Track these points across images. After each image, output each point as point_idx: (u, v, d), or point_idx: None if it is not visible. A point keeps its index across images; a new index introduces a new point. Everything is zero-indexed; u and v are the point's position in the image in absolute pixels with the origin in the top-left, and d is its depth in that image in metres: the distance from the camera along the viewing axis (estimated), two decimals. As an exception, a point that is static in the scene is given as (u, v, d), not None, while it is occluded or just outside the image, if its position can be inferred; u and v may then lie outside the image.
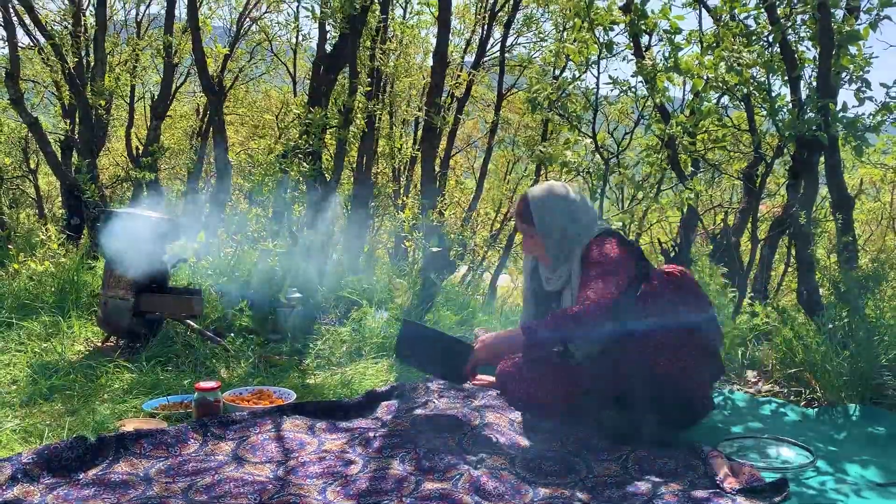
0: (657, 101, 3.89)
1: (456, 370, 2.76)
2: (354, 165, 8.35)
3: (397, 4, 10.08)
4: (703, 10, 5.76)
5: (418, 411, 2.84)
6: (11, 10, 7.26)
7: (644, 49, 4.38)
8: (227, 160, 6.34)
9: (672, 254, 5.30)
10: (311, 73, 8.04)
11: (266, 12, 10.33)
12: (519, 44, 11.40)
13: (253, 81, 11.98)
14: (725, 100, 4.76)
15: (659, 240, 5.52)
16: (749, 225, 5.34)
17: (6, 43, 7.71)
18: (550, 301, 2.86)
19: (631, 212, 4.61)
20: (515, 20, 9.99)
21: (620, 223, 4.32)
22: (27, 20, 7.91)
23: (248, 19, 10.03)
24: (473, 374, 2.81)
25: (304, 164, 5.46)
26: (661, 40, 3.87)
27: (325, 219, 5.61)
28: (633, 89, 4.39)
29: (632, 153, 4.56)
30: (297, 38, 9.81)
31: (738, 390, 3.60)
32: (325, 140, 6.07)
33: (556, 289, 2.81)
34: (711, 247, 6.05)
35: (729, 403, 3.38)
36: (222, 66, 8.30)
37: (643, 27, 3.77)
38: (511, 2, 8.84)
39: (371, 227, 9.62)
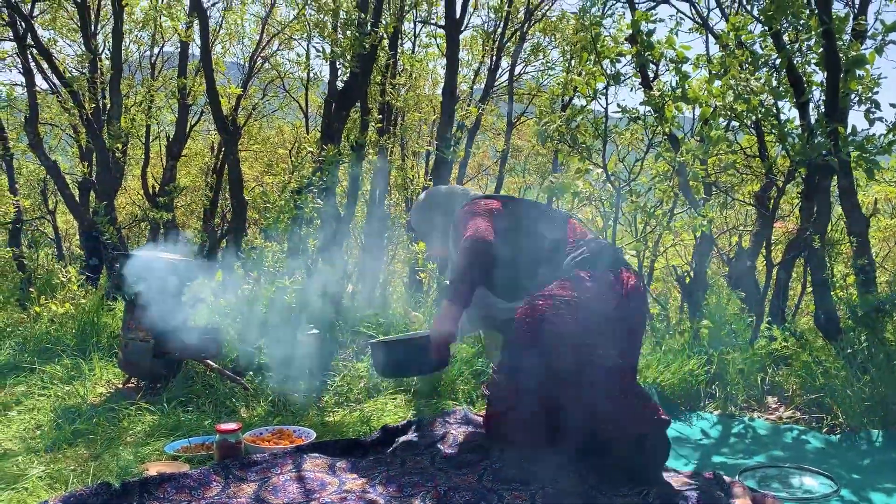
0: (666, 129, 3.92)
1: (429, 363, 2.83)
2: (368, 198, 8.43)
3: (406, 38, 10.23)
4: (710, 35, 5.83)
5: (438, 446, 2.84)
6: (30, 58, 7.45)
7: (652, 78, 4.42)
8: (243, 198, 6.42)
9: (687, 280, 5.31)
10: (322, 108, 8.16)
11: (278, 50, 10.50)
12: (527, 73, 11.51)
13: (266, 118, 12.14)
14: (735, 125, 4.80)
15: (675, 266, 5.52)
16: (763, 249, 5.34)
17: (25, 89, 7.91)
18: None
19: (644, 239, 4.61)
20: (523, 50, 10.09)
21: (635, 252, 4.33)
22: (45, 65, 8.10)
23: (260, 57, 10.19)
24: (444, 354, 2.82)
25: (319, 200, 5.52)
26: (668, 69, 3.91)
27: (339, 253, 5.66)
28: (642, 117, 4.43)
29: (644, 178, 4.58)
30: (308, 75, 9.93)
31: (759, 417, 3.58)
32: (339, 175, 6.14)
33: None
34: (727, 268, 6.04)
35: (750, 431, 3.36)
36: (236, 105, 8.44)
37: (650, 58, 3.81)
38: (518, 33, 8.94)
39: (385, 259, 9.66)
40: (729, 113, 3.78)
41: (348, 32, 4.83)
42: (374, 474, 2.63)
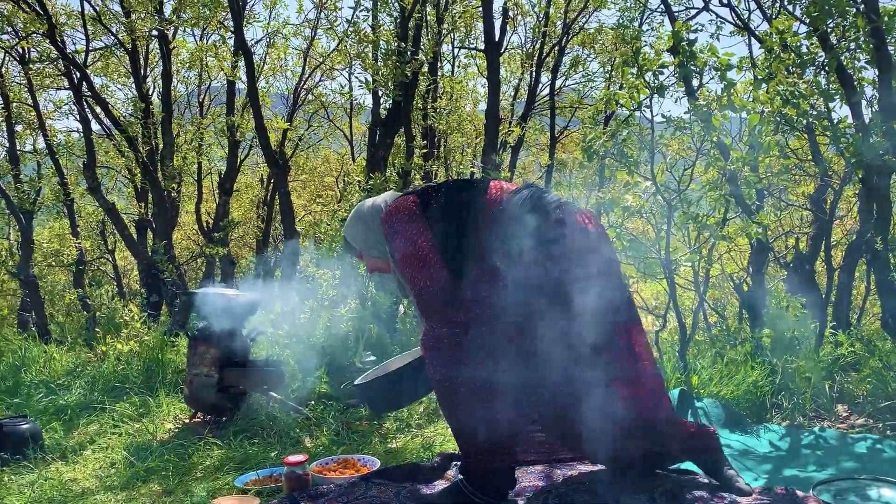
0: (714, 139, 3.87)
1: (424, 387, 2.71)
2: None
3: (444, 60, 10.33)
4: (752, 37, 5.75)
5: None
6: (85, 105, 7.75)
7: (696, 86, 4.38)
8: (295, 229, 6.55)
9: (745, 287, 5.21)
10: (367, 136, 8.28)
11: (320, 81, 10.70)
12: (567, 86, 11.51)
13: (312, 148, 12.37)
14: (785, 126, 4.71)
15: (731, 275, 5.43)
16: (823, 252, 5.21)
17: (82, 135, 8.22)
18: None
19: (699, 250, 4.55)
20: (563, 64, 10.11)
21: (690, 264, 4.27)
22: (98, 110, 8.41)
23: (303, 89, 10.41)
24: None
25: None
26: (712, 77, 3.87)
27: (391, 279, 5.71)
28: (688, 126, 4.39)
29: (695, 185, 4.51)
30: (351, 104, 10.09)
31: (830, 427, 3.49)
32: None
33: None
34: (785, 273, 5.91)
35: (820, 442, 3.28)
36: (283, 138, 8.62)
37: (693, 68, 3.79)
38: (556, 48, 8.95)
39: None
40: (778, 119, 3.72)
41: (389, 62, 4.90)
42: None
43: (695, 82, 4.44)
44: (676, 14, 5.82)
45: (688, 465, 2.73)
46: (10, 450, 3.41)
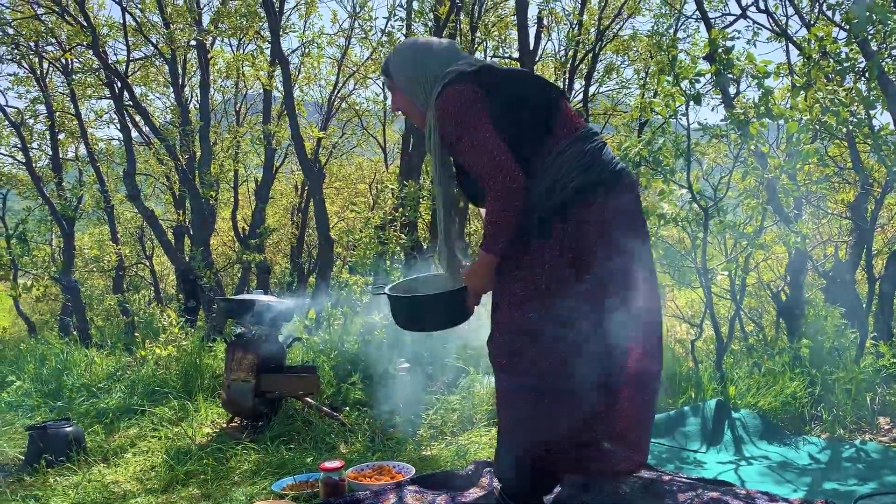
0: (751, 147, 3.84)
1: (462, 314, 2.55)
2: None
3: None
4: (790, 43, 5.69)
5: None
6: (126, 115, 7.91)
7: (733, 94, 4.35)
8: (330, 235, 6.61)
9: (783, 296, 5.14)
10: (400, 143, 8.34)
11: (354, 89, 10.81)
12: (601, 92, 11.46)
13: (346, 155, 12.48)
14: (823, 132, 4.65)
15: (768, 284, 5.36)
16: (863, 260, 5.12)
17: (122, 144, 8.41)
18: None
19: (735, 258, 4.51)
20: (596, 71, 10.07)
21: (726, 272, 4.23)
22: (138, 118, 8.60)
23: (337, 98, 10.53)
24: (471, 309, 2.55)
25: (402, 235, 5.65)
26: (749, 85, 3.84)
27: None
28: (725, 134, 4.35)
29: (732, 193, 4.47)
30: (384, 112, 10.17)
31: (871, 440, 3.42)
32: (420, 210, 6.26)
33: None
34: (824, 282, 5.82)
35: (862, 455, 3.22)
36: (317, 146, 8.72)
37: (730, 76, 3.76)
38: (590, 55, 8.93)
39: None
40: (817, 127, 3.68)
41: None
42: (475, 509, 2.65)
43: (731, 90, 4.41)
44: (712, 20, 5.77)
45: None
46: (55, 452, 3.49)
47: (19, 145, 9.05)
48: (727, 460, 3.28)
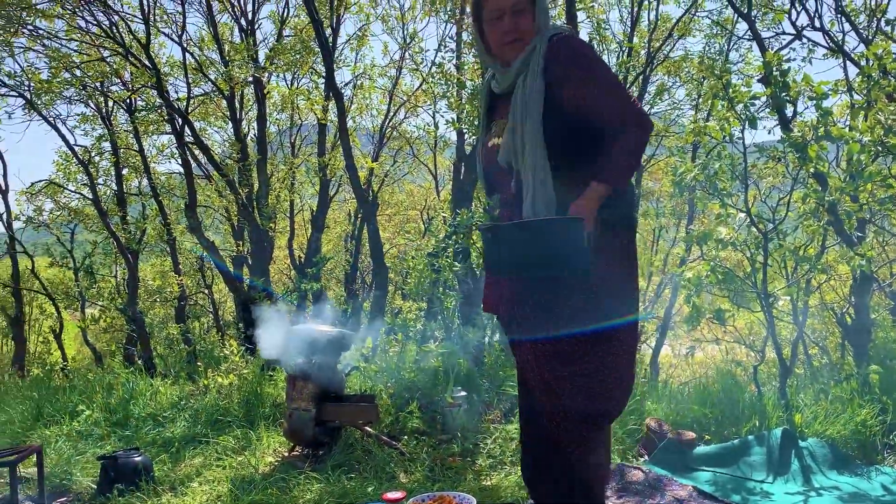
0: (811, 169, 3.77)
1: (579, 256, 2.06)
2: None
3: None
4: (848, 61, 5.59)
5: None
6: (186, 149, 8.19)
7: (790, 116, 4.29)
8: (384, 263, 6.70)
9: (848, 319, 5.00)
10: (452, 170, 8.41)
11: (405, 118, 10.98)
12: (653, 113, 11.39)
13: (397, 182, 12.65)
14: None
15: (833, 308, 5.22)
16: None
17: (183, 178, 8.69)
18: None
19: (797, 282, 4.41)
20: (647, 92, 10.02)
21: (788, 297, 4.15)
22: (197, 152, 8.88)
23: (388, 126, 10.70)
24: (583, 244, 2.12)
25: (456, 262, 5.68)
26: (807, 107, 3.79)
27: (478, 313, 5.76)
28: (782, 155, 4.29)
29: (791, 214, 4.38)
30: (435, 140, 10.30)
31: (949, 470, 3.29)
32: (473, 237, 6.29)
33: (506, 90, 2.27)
34: (892, 303, 5.64)
35: (940, 486, 3.10)
36: (370, 175, 8.87)
37: (786, 98, 3.71)
38: (641, 77, 8.90)
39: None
40: (879, 148, 3.60)
41: (476, 101, 5.00)
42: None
43: (788, 111, 4.35)
44: (766, 39, 5.71)
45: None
46: (125, 481, 3.60)
47: (87, 181, 9.43)
48: (795, 491, 3.20)
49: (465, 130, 6.24)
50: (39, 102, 8.70)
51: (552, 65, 2.16)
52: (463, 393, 4.45)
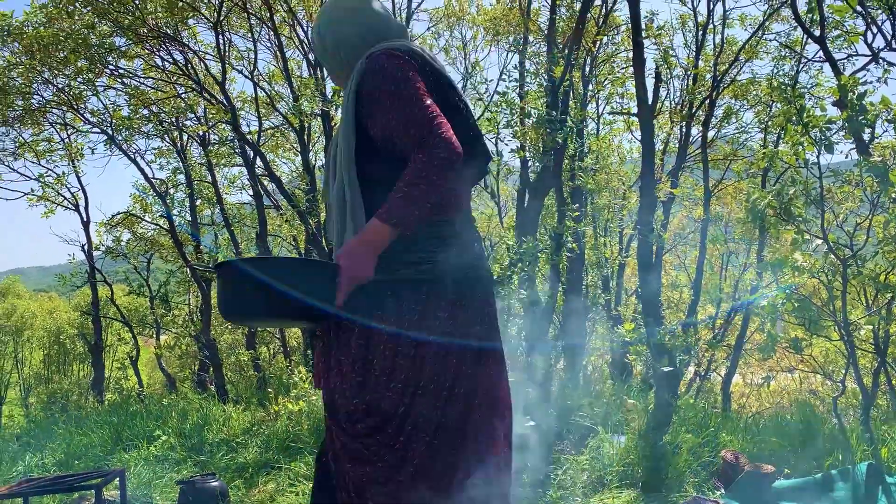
0: (892, 194, 3.65)
1: (324, 298, 1.76)
2: (564, 280, 8.51)
3: (589, 118, 10.40)
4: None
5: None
6: (257, 181, 8.44)
7: (868, 140, 4.17)
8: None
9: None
10: (514, 197, 8.44)
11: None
12: (720, 136, 11.21)
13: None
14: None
15: (917, 338, 4.99)
16: None
17: (254, 208, 8.95)
18: None
19: (879, 311, 4.25)
20: (714, 116, 9.89)
21: (870, 326, 4.00)
22: (266, 182, 9.15)
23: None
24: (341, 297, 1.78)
25: (522, 291, 5.68)
26: (885, 131, 3.67)
27: (545, 341, 5.74)
28: (860, 180, 4.16)
29: (871, 239, 4.24)
30: (498, 168, 10.35)
31: None
32: (540, 265, 6.29)
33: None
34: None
35: None
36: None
37: (863, 121, 3.61)
38: (707, 102, 8.79)
39: (587, 341, 9.59)
40: (966, 172, 3.46)
41: (541, 130, 5.03)
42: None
43: (866, 134, 4.23)
44: (839, 61, 5.58)
45: None
46: (203, 506, 3.70)
47: (162, 212, 9.81)
48: (884, 530, 3.06)
49: (528, 159, 6.26)
50: (120, 138, 9.12)
51: (361, 85, 1.87)
52: (532, 423, 4.42)
